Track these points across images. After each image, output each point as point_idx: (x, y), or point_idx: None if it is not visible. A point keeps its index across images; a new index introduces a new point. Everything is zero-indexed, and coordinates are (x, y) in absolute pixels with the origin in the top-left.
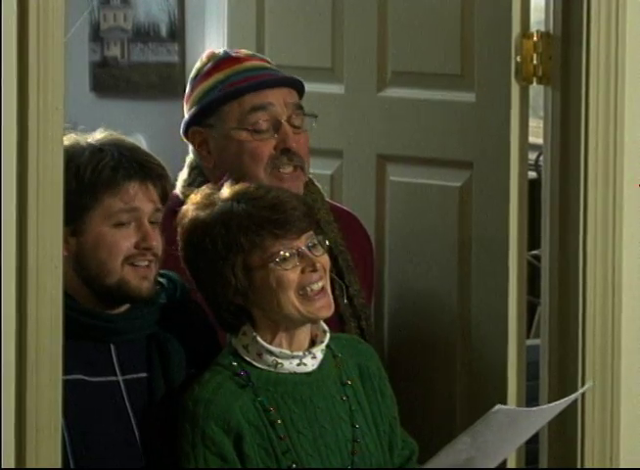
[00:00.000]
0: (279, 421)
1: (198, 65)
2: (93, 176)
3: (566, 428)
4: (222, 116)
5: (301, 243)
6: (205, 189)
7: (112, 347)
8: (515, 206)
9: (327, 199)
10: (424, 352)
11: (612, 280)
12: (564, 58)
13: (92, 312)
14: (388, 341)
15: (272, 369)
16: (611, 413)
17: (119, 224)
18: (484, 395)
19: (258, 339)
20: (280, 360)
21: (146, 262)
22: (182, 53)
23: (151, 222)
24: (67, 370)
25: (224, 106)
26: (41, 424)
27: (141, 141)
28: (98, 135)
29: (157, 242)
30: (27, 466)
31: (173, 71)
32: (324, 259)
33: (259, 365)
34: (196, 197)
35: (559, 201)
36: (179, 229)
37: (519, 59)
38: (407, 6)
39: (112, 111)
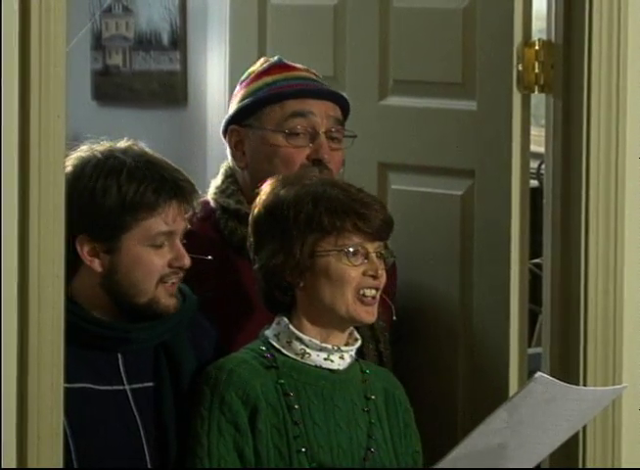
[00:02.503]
0: (296, 406)
1: (251, 68)
2: (136, 198)
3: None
4: (262, 117)
5: (372, 248)
6: (292, 173)
7: (119, 356)
8: (516, 214)
9: None
10: (425, 361)
11: (613, 288)
12: (565, 66)
13: (102, 322)
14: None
15: (299, 358)
16: (612, 419)
17: (156, 246)
18: (486, 403)
19: (290, 326)
20: (308, 350)
21: (175, 280)
22: (184, 61)
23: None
24: (74, 379)
25: (265, 108)
26: (43, 431)
27: None
28: (122, 144)
29: (188, 260)
30: None
31: (175, 80)
32: (384, 273)
33: (287, 352)
34: (282, 177)
35: (560, 209)
36: (255, 204)
37: (520, 67)
38: (409, 14)
39: (113, 119)
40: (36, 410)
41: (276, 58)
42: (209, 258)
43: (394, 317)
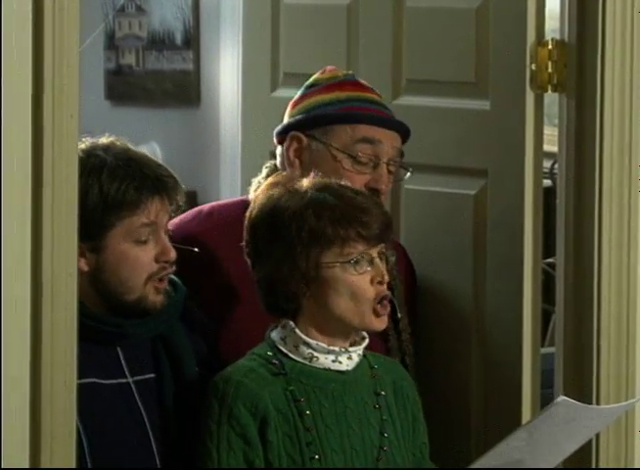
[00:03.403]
0: (307, 412)
1: (317, 75)
2: (117, 196)
3: None
4: (331, 133)
5: (375, 252)
6: (282, 175)
7: (118, 350)
8: (529, 214)
9: None
10: (439, 363)
11: (626, 288)
12: (579, 66)
13: (101, 317)
14: None
15: (307, 362)
16: (625, 418)
17: (140, 241)
18: (500, 403)
19: (297, 330)
20: (316, 354)
21: (164, 276)
22: (197, 60)
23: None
24: (82, 374)
25: (335, 125)
26: (56, 431)
27: (156, 149)
28: (104, 141)
29: (174, 253)
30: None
31: (188, 79)
32: (386, 274)
33: (295, 357)
34: (275, 181)
35: (573, 209)
36: (251, 209)
37: (533, 67)
38: (422, 14)
39: (126, 119)
40: (49, 409)
41: (350, 73)
42: (196, 250)
43: (399, 314)
